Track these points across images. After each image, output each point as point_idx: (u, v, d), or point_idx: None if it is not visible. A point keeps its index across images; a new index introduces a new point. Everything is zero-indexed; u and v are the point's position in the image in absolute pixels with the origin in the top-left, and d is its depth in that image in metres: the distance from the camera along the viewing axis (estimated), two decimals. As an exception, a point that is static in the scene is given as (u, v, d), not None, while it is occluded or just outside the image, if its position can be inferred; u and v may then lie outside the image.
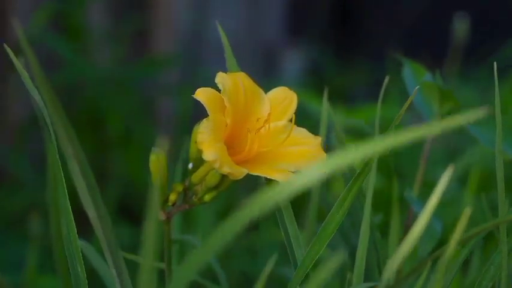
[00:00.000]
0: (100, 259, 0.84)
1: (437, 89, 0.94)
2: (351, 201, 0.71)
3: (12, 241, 1.57)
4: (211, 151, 0.69)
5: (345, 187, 0.72)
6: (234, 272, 1.49)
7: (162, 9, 2.48)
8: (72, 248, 0.71)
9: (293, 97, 0.78)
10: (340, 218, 0.71)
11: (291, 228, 0.74)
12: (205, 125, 0.70)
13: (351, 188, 0.72)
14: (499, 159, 0.73)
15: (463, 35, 2.07)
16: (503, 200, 0.73)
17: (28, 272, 1.17)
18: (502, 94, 1.47)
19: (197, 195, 0.74)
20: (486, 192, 1.02)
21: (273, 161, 0.74)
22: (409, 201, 0.92)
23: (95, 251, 0.85)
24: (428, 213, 0.60)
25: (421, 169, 0.99)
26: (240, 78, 0.76)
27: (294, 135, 0.76)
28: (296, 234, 0.74)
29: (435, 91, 0.95)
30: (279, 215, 0.74)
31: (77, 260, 0.70)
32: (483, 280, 0.74)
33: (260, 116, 0.76)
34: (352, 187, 0.72)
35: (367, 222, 0.74)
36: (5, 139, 2.12)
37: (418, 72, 0.99)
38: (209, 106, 0.72)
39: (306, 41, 3.16)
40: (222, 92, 0.73)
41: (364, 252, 0.73)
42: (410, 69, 0.99)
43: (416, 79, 0.98)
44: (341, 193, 0.72)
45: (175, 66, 2.44)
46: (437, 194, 0.60)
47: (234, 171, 0.70)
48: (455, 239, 0.62)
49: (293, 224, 0.74)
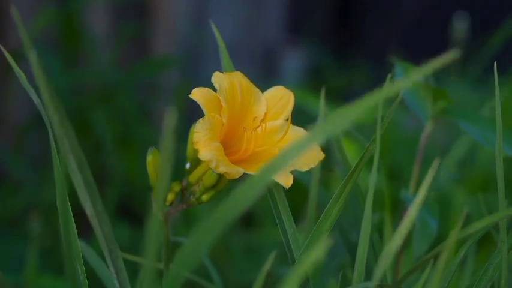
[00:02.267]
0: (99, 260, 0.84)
1: (429, 87, 0.94)
2: (346, 197, 0.71)
3: (12, 241, 1.57)
4: (207, 151, 0.69)
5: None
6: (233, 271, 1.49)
7: (162, 11, 2.48)
8: (72, 249, 0.71)
9: (290, 96, 0.78)
10: (335, 214, 0.71)
11: (288, 225, 0.74)
12: (201, 124, 0.70)
13: (346, 183, 0.72)
14: (499, 158, 0.73)
15: (463, 35, 2.07)
16: (503, 199, 0.73)
17: (28, 272, 1.17)
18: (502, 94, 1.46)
19: (195, 195, 0.74)
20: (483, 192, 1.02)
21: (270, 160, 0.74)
22: (405, 201, 0.92)
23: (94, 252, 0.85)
24: (417, 205, 0.60)
25: (416, 168, 0.99)
26: (237, 77, 0.76)
27: (291, 134, 0.76)
28: (294, 231, 0.74)
29: (428, 90, 0.95)
30: (277, 214, 0.74)
31: (76, 260, 0.70)
32: (482, 280, 0.74)
33: (257, 115, 0.76)
34: (346, 183, 0.72)
35: (367, 221, 0.74)
36: (5, 139, 2.12)
37: (409, 72, 0.99)
38: (205, 106, 0.72)
39: (305, 41, 3.16)
40: (218, 92, 0.73)
41: (364, 251, 0.73)
42: (402, 70, 0.99)
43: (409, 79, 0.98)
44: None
45: (174, 68, 2.44)
46: (425, 186, 0.60)
47: (230, 170, 0.70)
48: (453, 237, 0.62)
49: (290, 221, 0.74)
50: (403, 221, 0.61)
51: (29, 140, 2.09)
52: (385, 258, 0.61)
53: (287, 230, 0.74)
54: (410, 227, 0.61)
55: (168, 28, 2.49)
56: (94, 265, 0.84)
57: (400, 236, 0.60)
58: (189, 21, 2.54)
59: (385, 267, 0.62)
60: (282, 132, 0.76)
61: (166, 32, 2.49)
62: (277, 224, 0.74)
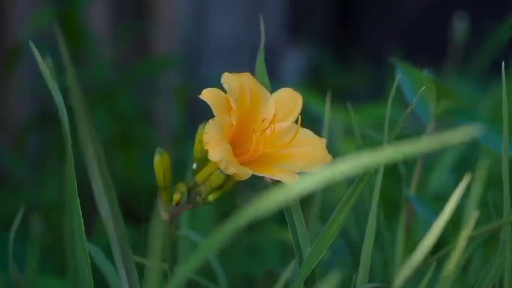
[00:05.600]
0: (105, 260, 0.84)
1: (435, 85, 0.94)
2: (354, 202, 0.71)
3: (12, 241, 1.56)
4: (217, 151, 0.69)
5: (347, 188, 0.72)
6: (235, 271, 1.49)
7: (162, 11, 2.48)
8: (81, 249, 0.71)
9: (298, 98, 0.78)
10: (343, 218, 0.71)
11: (299, 228, 0.74)
12: (211, 125, 0.70)
13: (355, 189, 0.72)
14: (505, 159, 0.73)
15: (463, 35, 2.06)
16: (507, 200, 0.73)
17: (28, 272, 1.17)
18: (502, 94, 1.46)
19: (201, 196, 0.74)
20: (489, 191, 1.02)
21: (277, 161, 0.74)
22: (410, 201, 0.92)
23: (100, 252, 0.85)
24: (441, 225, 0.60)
25: (418, 167, 0.99)
26: (246, 78, 0.76)
27: (299, 136, 0.76)
28: (304, 234, 0.73)
29: (432, 88, 0.94)
30: (288, 215, 0.74)
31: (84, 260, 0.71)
32: (484, 280, 0.73)
33: (265, 116, 0.76)
34: (355, 188, 0.72)
35: (372, 222, 0.74)
36: (5, 139, 2.12)
37: (412, 72, 0.98)
38: (215, 106, 0.72)
39: (305, 41, 3.16)
40: (228, 93, 0.73)
41: (369, 253, 0.73)
42: (405, 71, 0.99)
43: (411, 79, 0.98)
44: (343, 194, 0.72)
45: (174, 68, 2.44)
46: (451, 205, 0.60)
47: (239, 171, 0.70)
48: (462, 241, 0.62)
49: (301, 224, 0.74)
50: (424, 239, 0.60)
51: (29, 140, 2.09)
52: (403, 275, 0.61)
53: (297, 230, 0.73)
54: (431, 246, 0.60)
55: (168, 28, 2.49)
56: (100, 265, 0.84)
57: (419, 255, 0.60)
58: (189, 21, 2.54)
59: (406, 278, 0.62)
60: (290, 134, 0.76)
61: (166, 32, 2.49)
62: (287, 223, 0.74)
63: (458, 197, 0.59)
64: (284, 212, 0.74)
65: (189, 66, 2.50)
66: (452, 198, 0.60)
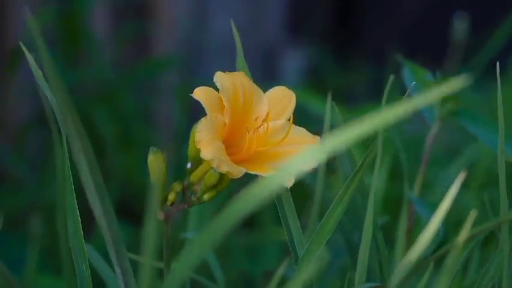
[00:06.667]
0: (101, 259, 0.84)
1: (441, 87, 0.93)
2: (349, 197, 0.71)
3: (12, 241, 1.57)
4: (209, 150, 0.69)
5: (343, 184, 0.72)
6: (233, 271, 1.49)
7: (162, 11, 2.48)
8: (78, 248, 0.71)
9: (291, 96, 0.78)
10: (338, 214, 0.71)
11: (292, 223, 0.74)
12: (203, 124, 0.71)
13: (350, 183, 0.72)
14: (501, 159, 0.73)
15: (463, 35, 2.06)
16: (505, 199, 0.73)
17: (28, 272, 1.17)
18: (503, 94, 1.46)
19: (196, 195, 0.74)
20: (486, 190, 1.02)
21: (271, 160, 0.75)
22: (412, 202, 0.92)
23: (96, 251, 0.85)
24: (438, 219, 0.60)
25: (422, 169, 0.98)
26: (239, 77, 0.76)
27: (293, 134, 0.76)
28: (298, 229, 0.73)
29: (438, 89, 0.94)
30: (281, 212, 0.74)
31: (82, 259, 0.70)
32: (483, 280, 0.73)
33: (258, 115, 0.76)
34: (350, 183, 0.72)
35: (369, 221, 0.74)
36: (5, 139, 2.12)
37: (417, 72, 0.98)
38: (207, 105, 0.72)
39: (305, 41, 3.16)
40: (221, 91, 0.73)
41: (366, 252, 0.73)
42: (410, 70, 0.99)
43: (416, 79, 0.98)
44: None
45: (175, 68, 2.44)
46: (448, 200, 0.60)
47: (232, 170, 0.70)
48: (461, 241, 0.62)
49: (295, 220, 0.74)
50: (421, 235, 0.60)
51: (29, 140, 2.09)
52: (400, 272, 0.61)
53: (291, 229, 0.74)
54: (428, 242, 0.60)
55: (168, 28, 2.49)
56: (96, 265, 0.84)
57: (417, 251, 0.60)
58: (189, 21, 2.54)
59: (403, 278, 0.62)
60: (284, 132, 0.76)
61: (166, 32, 2.49)
62: (282, 222, 0.74)
63: (454, 193, 0.59)
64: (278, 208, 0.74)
65: (189, 66, 2.50)
66: (447, 195, 0.60)
